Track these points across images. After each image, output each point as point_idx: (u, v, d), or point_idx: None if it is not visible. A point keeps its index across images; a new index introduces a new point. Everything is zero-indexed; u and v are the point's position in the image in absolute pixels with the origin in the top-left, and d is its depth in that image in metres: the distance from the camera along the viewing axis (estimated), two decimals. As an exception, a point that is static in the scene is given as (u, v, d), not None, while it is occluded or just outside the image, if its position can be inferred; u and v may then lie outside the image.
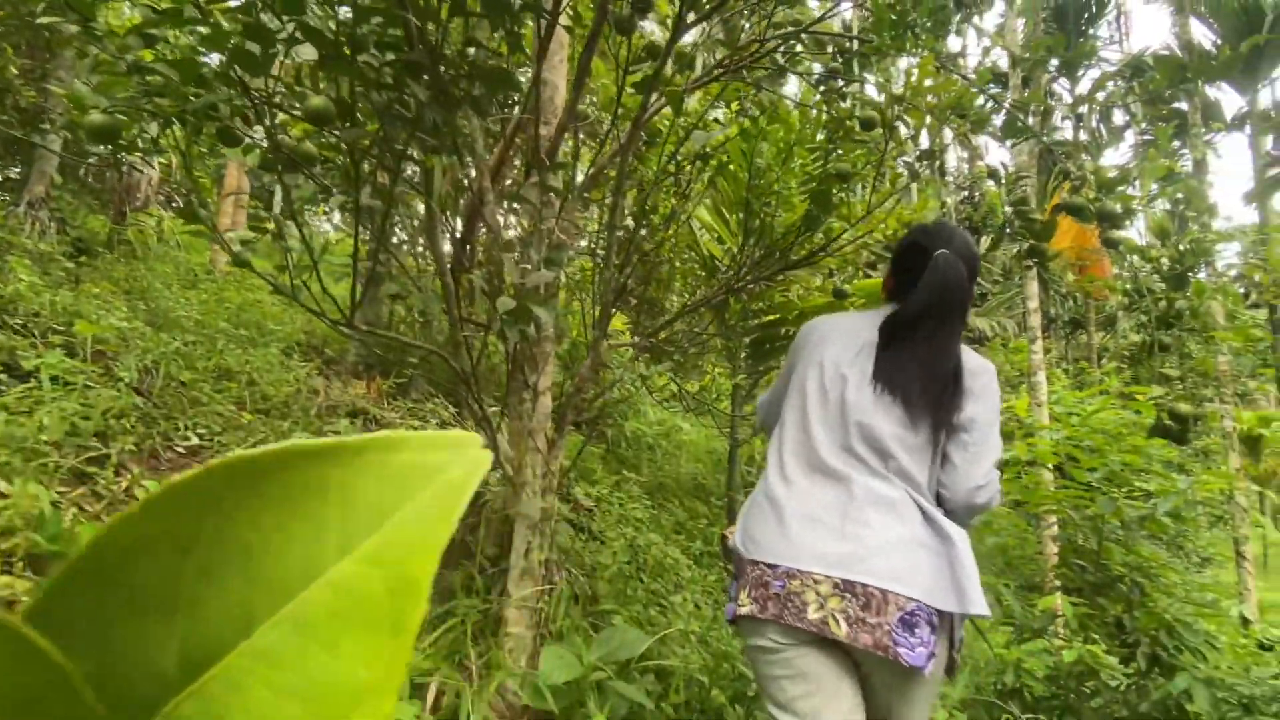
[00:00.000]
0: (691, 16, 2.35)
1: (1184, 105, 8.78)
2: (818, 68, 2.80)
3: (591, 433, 4.37)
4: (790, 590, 1.25)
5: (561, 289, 4.81)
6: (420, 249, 3.41)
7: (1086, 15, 11.93)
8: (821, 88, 2.50)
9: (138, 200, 6.95)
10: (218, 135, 1.84)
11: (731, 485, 4.35)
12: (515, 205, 2.52)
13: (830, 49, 2.29)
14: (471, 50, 1.69)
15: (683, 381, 6.17)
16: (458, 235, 2.65)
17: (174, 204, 7.57)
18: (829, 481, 1.33)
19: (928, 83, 2.23)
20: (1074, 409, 4.28)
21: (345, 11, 1.56)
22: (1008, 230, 2.56)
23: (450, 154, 1.73)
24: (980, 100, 2.50)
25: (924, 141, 2.41)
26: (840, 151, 2.51)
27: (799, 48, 2.60)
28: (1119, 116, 11.56)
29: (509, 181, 3.40)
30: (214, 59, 1.64)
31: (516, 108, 2.77)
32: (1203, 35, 9.64)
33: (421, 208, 2.41)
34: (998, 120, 2.54)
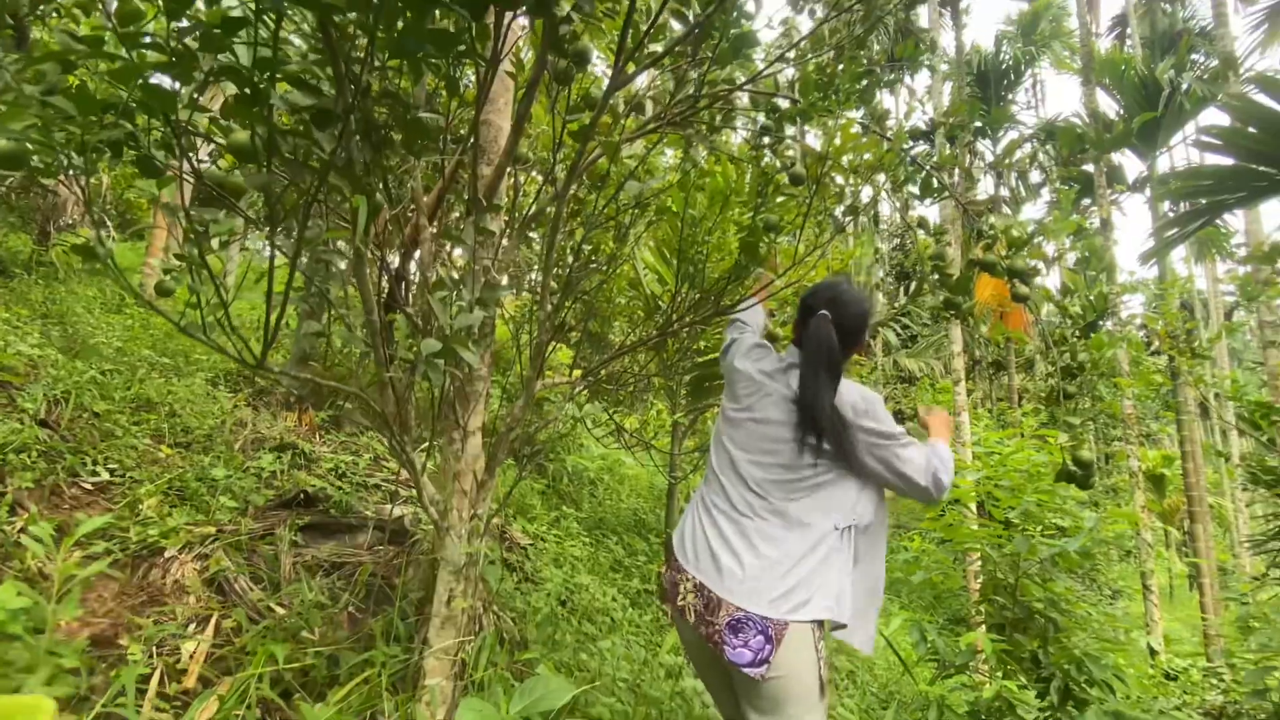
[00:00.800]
0: (631, 68, 2.40)
1: (1091, 168, 9.42)
2: (760, 118, 2.88)
3: (525, 467, 4.29)
4: (676, 580, 1.63)
5: (509, 322, 4.75)
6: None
7: (1006, 82, 12.79)
8: (765, 140, 2.58)
9: (65, 220, 6.58)
10: (137, 165, 1.76)
11: (670, 523, 4.31)
12: (453, 243, 2.48)
13: (763, 107, 2.36)
14: (404, 93, 1.67)
15: (625, 417, 6.16)
16: (393, 271, 2.59)
17: (104, 225, 7.20)
18: (720, 513, 1.62)
19: (862, 140, 2.33)
20: (994, 449, 4.44)
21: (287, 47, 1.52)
22: (927, 283, 2.66)
23: (381, 194, 1.69)
24: (901, 160, 2.62)
25: (852, 195, 2.50)
26: (775, 202, 2.58)
27: (738, 103, 2.67)
28: (1036, 175, 12.34)
29: (455, 215, 3.37)
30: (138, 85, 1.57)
31: (459, 146, 2.75)
32: (1108, 105, 10.43)
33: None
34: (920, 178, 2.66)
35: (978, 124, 12.18)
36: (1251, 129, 2.50)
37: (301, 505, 3.59)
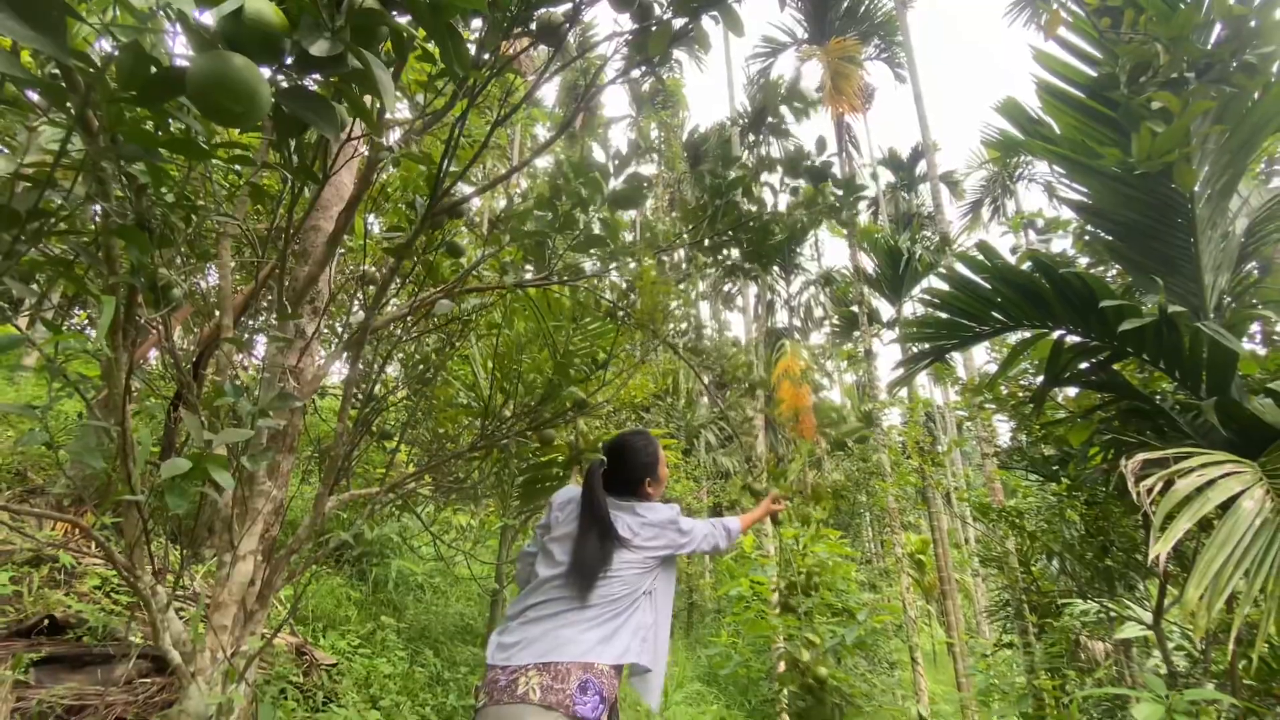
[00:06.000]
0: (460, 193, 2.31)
1: (856, 309, 10.80)
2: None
3: (320, 573, 3.69)
4: (514, 674, 1.53)
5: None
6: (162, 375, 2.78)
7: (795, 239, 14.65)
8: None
9: None
10: None
11: (491, 629, 3.86)
12: (239, 348, 2.14)
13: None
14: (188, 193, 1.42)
15: (461, 515, 5.63)
16: (187, 372, 2.17)
17: None
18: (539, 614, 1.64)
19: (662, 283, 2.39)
20: (790, 545, 4.57)
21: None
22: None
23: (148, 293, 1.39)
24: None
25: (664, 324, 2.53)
26: (590, 330, 2.55)
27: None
28: (819, 311, 13.95)
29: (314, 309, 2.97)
30: None
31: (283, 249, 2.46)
32: (867, 262, 12.18)
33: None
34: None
35: (776, 268, 13.67)
36: (959, 293, 2.88)
37: (45, 633, 2.77)
